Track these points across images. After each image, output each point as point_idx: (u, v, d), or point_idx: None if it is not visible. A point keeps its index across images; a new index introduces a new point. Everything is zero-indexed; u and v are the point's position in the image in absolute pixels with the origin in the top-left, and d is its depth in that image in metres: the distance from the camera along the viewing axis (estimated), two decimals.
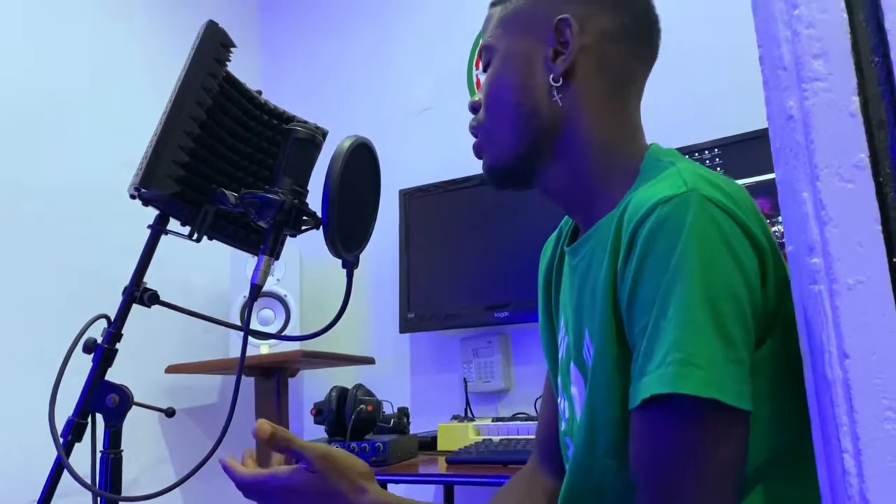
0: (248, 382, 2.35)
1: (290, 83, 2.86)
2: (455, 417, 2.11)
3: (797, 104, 0.58)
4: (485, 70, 0.91)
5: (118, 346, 0.96)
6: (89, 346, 0.95)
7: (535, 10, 0.87)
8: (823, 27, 0.57)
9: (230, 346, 2.38)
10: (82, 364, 0.95)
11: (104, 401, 0.93)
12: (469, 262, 2.24)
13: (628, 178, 0.82)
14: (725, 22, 2.05)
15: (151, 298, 0.96)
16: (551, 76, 0.84)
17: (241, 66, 1.02)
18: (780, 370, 0.71)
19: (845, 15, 0.57)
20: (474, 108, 0.92)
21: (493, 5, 0.93)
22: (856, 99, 0.56)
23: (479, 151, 0.92)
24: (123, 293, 0.97)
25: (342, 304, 0.92)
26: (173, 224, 1.01)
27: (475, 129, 0.91)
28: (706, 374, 0.64)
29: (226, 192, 0.94)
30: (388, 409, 2.02)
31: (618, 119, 0.86)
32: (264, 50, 2.99)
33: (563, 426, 0.92)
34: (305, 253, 2.48)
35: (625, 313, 0.72)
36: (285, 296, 2.34)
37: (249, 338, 0.93)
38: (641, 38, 0.87)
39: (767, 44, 0.62)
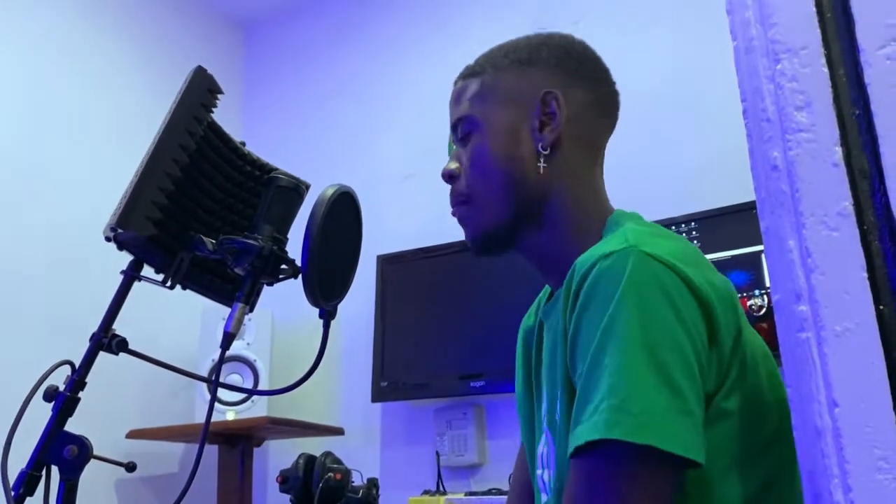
0: (211, 452, 2.27)
1: (272, 147, 2.88)
2: (426, 492, 2.04)
3: (781, 154, 0.59)
4: (462, 141, 0.93)
5: (81, 395, 0.92)
6: (50, 394, 0.91)
7: (520, 83, 0.90)
8: (805, 81, 0.59)
9: (195, 411, 2.31)
10: (40, 414, 0.90)
11: (62, 452, 0.89)
12: (444, 331, 2.22)
13: (594, 240, 0.84)
14: (701, 98, 2.11)
15: (120, 345, 0.93)
16: (540, 145, 0.87)
17: (224, 124, 1.02)
18: (740, 422, 0.72)
19: (826, 69, 0.59)
20: (452, 175, 0.93)
21: (464, 77, 0.95)
22: (838, 149, 0.57)
23: (463, 220, 0.93)
24: (91, 339, 0.94)
25: (318, 355, 0.90)
26: (147, 272, 0.98)
27: (458, 198, 0.93)
28: (642, 420, 0.63)
29: (203, 238, 0.93)
30: (357, 480, 1.95)
31: (591, 184, 0.91)
32: (247, 113, 3.02)
33: (543, 498, 0.89)
34: (277, 316, 2.44)
35: (569, 363, 0.73)
36: (255, 360, 2.29)
37: (215, 405, 0.89)
38: (608, 110, 0.94)
39: (751, 97, 0.63)
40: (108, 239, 0.91)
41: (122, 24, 2.60)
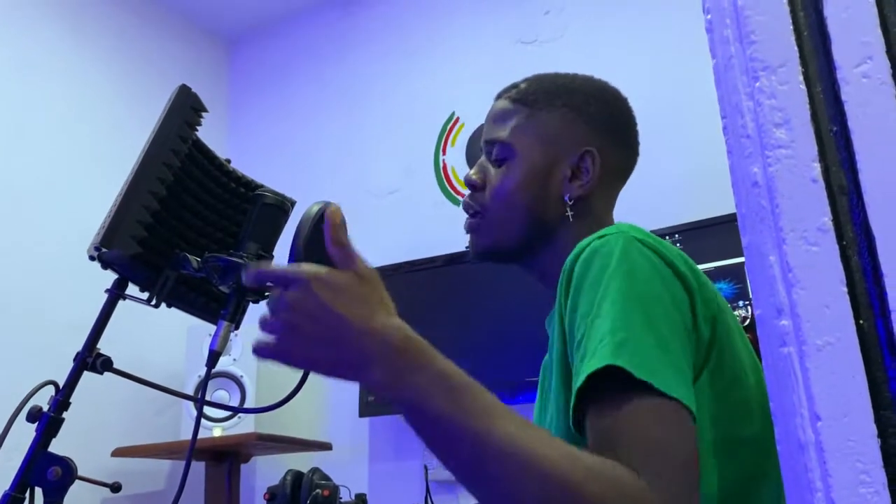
0: (198, 469, 2.25)
1: (257, 162, 2.88)
2: None
3: (761, 171, 0.60)
4: (496, 162, 0.96)
5: (65, 416, 0.92)
6: (34, 415, 0.90)
7: (565, 130, 0.94)
8: (784, 98, 0.60)
9: (181, 429, 2.29)
10: (24, 434, 0.90)
11: (45, 473, 0.88)
12: (431, 343, 2.21)
13: None
14: (681, 111, 2.13)
15: (104, 364, 0.92)
16: (567, 196, 0.92)
17: (209, 142, 1.02)
18: (720, 402, 0.74)
19: (803, 87, 0.60)
20: (474, 185, 0.96)
21: (513, 100, 0.97)
22: (817, 165, 0.57)
23: (473, 231, 0.97)
24: (75, 359, 0.93)
25: (303, 374, 0.89)
26: (131, 290, 0.98)
27: (473, 210, 0.97)
28: (639, 360, 0.66)
29: (189, 256, 0.92)
30: (345, 496, 1.94)
31: (602, 221, 0.96)
32: (232, 128, 3.02)
33: None
34: None
35: (568, 338, 0.75)
36: (241, 376, 2.28)
37: (202, 421, 0.89)
38: (631, 170, 1.02)
39: (731, 114, 0.64)
40: (92, 258, 0.91)
41: (106, 41, 2.60)
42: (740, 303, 1.73)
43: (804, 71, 0.60)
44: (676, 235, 1.88)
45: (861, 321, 0.54)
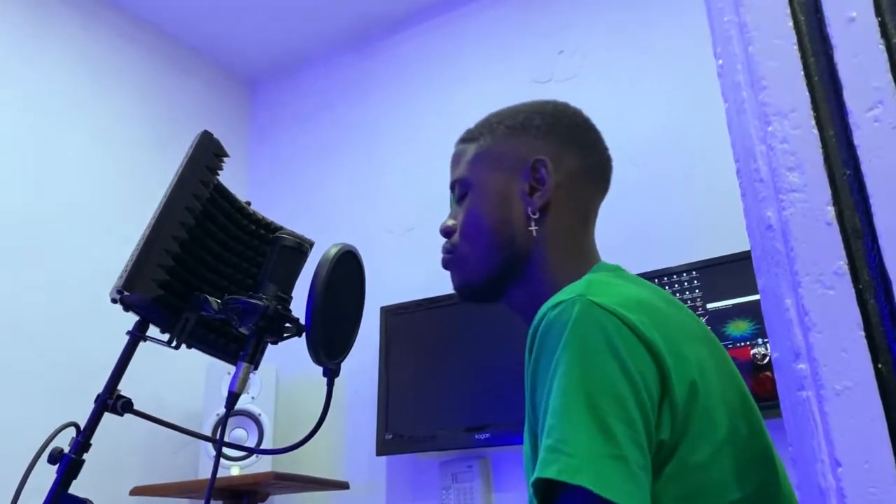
0: None
1: (277, 200, 2.92)
2: None
3: (775, 214, 0.60)
4: (459, 201, 0.97)
5: (85, 457, 0.92)
6: (55, 457, 0.91)
7: (512, 149, 0.94)
8: (796, 142, 0.60)
9: (199, 467, 2.29)
10: (45, 475, 0.90)
11: None
12: (449, 382, 2.21)
13: None
14: (696, 147, 2.14)
15: (125, 406, 0.93)
16: (529, 209, 0.91)
17: (230, 181, 1.04)
18: (722, 475, 0.71)
19: (815, 131, 0.60)
20: (448, 232, 0.97)
21: (462, 141, 1.00)
22: (831, 209, 0.58)
23: (449, 267, 0.97)
24: (96, 401, 0.94)
25: (321, 414, 0.90)
26: (152, 331, 0.99)
27: (447, 250, 0.97)
28: (574, 461, 0.64)
29: (209, 298, 0.94)
30: None
31: (577, 244, 0.93)
32: (252, 167, 3.06)
33: None
34: (282, 370, 2.43)
35: (529, 406, 0.75)
36: (259, 414, 2.28)
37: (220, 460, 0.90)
38: (600, 175, 0.97)
39: (744, 158, 0.65)
40: (114, 301, 0.92)
41: (130, 82, 2.66)
42: (759, 340, 1.71)
43: (816, 115, 0.61)
44: (693, 273, 1.87)
45: (879, 365, 0.53)
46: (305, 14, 2.79)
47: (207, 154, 0.94)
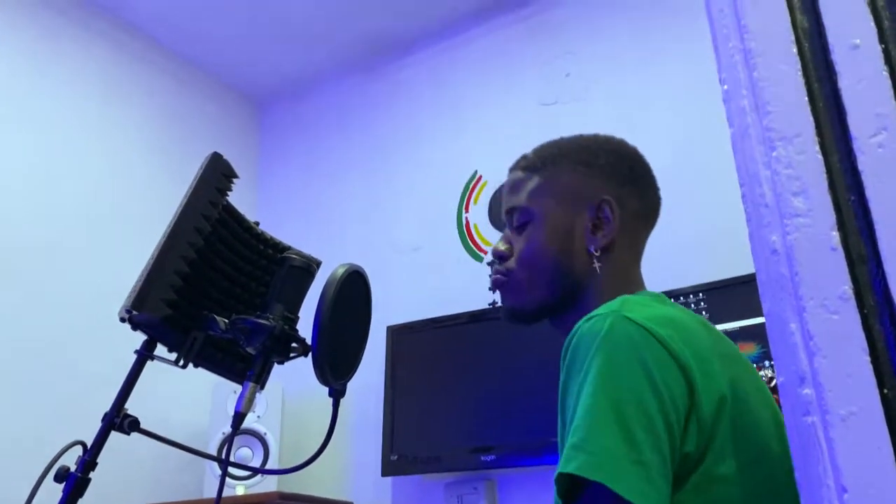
0: None
1: (285, 219, 2.93)
2: None
3: (780, 239, 0.60)
4: (518, 229, 0.98)
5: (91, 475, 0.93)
6: (61, 475, 0.91)
7: (578, 186, 0.96)
8: (801, 167, 0.61)
9: (204, 487, 2.29)
10: (51, 493, 0.91)
11: None
12: (455, 402, 2.20)
13: None
14: (702, 169, 2.14)
15: (132, 425, 0.93)
16: (592, 247, 0.93)
17: (240, 201, 1.05)
18: (744, 489, 0.73)
19: (820, 156, 0.60)
20: (502, 257, 0.98)
21: (522, 169, 1.00)
22: (836, 234, 0.58)
23: (502, 290, 0.98)
24: (103, 419, 0.94)
25: (327, 434, 0.90)
26: (159, 350, 1.00)
27: (502, 273, 0.98)
28: (595, 459, 0.67)
29: (216, 317, 0.94)
30: None
31: (629, 275, 0.97)
32: (262, 186, 3.08)
33: None
34: (288, 389, 2.43)
35: (560, 415, 0.77)
36: (265, 434, 2.27)
37: (225, 479, 0.90)
38: (654, 214, 1.02)
39: (749, 183, 0.65)
40: (122, 320, 0.93)
41: (143, 103, 2.69)
42: (766, 363, 1.71)
43: (820, 141, 0.61)
44: (700, 294, 1.87)
45: (885, 390, 0.53)
46: (315, 37, 2.82)
47: (217, 175, 0.95)
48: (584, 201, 0.94)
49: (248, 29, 2.75)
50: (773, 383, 1.65)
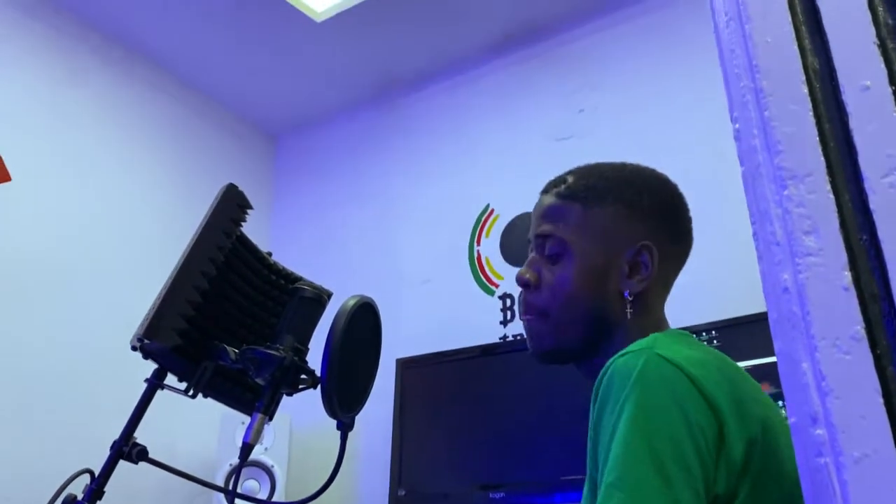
0: None
1: (297, 250, 2.95)
2: None
3: (791, 277, 0.60)
4: (550, 259, 0.94)
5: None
6: (69, 503, 0.91)
7: (619, 226, 0.93)
8: (812, 206, 0.61)
9: None
10: None
11: None
12: (464, 437, 2.18)
13: None
14: (715, 206, 2.14)
15: (140, 454, 0.93)
16: (627, 291, 0.91)
17: (253, 231, 1.06)
18: None
19: (831, 196, 0.61)
20: (527, 283, 0.95)
21: (561, 196, 0.96)
22: (848, 273, 0.58)
23: (533, 331, 0.95)
24: (111, 448, 0.94)
25: (334, 468, 0.90)
26: (169, 379, 1.00)
27: (534, 310, 0.95)
28: (630, 499, 0.66)
29: (227, 347, 0.94)
30: None
31: (657, 315, 0.95)
32: (275, 217, 3.10)
33: None
34: (296, 421, 2.42)
35: (591, 454, 0.77)
36: (272, 466, 2.26)
37: None
38: (686, 257, 1.01)
39: (760, 221, 0.65)
40: (134, 348, 0.93)
41: (159, 134, 2.73)
42: (780, 403, 1.68)
43: (832, 180, 0.61)
44: (713, 332, 1.86)
45: None
46: (328, 71, 2.86)
47: (232, 206, 0.96)
48: (624, 243, 0.92)
49: (264, 64, 2.80)
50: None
